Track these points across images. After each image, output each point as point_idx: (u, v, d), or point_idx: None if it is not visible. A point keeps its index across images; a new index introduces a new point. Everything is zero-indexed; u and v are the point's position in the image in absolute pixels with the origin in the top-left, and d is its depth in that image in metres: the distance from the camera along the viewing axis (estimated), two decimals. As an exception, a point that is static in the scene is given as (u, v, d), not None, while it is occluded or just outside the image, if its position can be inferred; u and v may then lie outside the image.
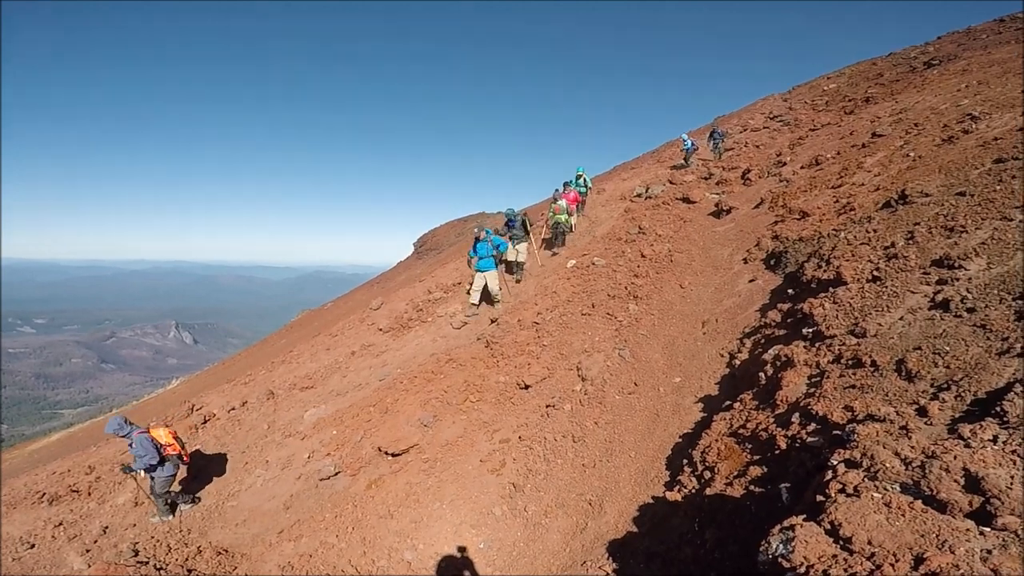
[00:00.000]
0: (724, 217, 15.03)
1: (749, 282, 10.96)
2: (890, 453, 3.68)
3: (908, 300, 6.58)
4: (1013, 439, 3.42)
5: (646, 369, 9.64)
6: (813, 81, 30.25)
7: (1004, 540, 2.73)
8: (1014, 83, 13.12)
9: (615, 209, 18.82)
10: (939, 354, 5.17)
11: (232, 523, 8.27)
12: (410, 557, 7.51)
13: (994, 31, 22.71)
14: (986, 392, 4.35)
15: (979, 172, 8.97)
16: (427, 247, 46.10)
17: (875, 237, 8.75)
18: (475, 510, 8.13)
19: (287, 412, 10.79)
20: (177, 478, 8.30)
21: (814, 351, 6.74)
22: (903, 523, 2.99)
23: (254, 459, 9.54)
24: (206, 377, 25.40)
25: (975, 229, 7.27)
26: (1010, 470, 3.16)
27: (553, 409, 9.38)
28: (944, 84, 16.69)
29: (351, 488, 8.65)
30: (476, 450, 9.08)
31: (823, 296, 7.92)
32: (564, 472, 8.22)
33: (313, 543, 7.74)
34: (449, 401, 9.97)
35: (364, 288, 39.92)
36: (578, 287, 12.98)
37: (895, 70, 23.51)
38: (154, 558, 7.36)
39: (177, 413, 11.51)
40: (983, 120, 11.41)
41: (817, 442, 4.82)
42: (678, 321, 10.77)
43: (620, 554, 6.04)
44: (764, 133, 22.99)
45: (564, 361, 10.37)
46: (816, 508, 3.50)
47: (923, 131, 12.92)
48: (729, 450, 5.96)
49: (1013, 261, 6.23)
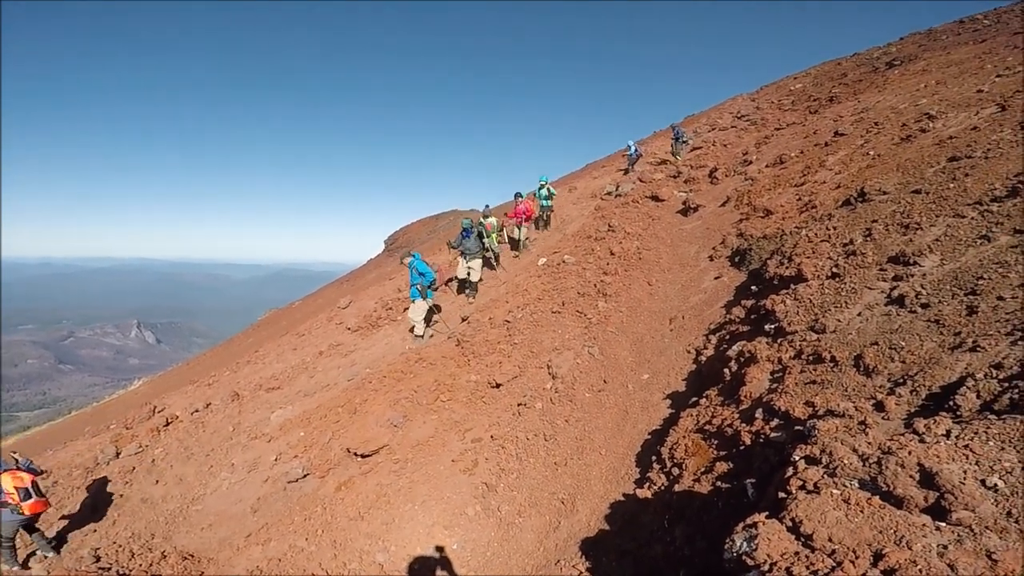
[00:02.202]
0: (692, 215, 15.23)
1: (715, 279, 11.13)
2: (848, 449, 3.77)
3: (866, 296, 6.76)
4: (965, 434, 3.54)
5: (615, 366, 9.72)
6: (780, 81, 30.76)
7: (959, 535, 2.83)
8: (970, 83, 13.54)
9: (586, 207, 18.94)
10: (895, 349, 5.32)
11: (197, 527, 8.10)
12: (382, 559, 7.46)
13: (954, 32, 23.36)
14: (940, 386, 4.50)
15: (934, 170, 9.24)
16: (398, 244, 45.73)
17: (835, 234, 8.96)
18: (448, 510, 8.11)
19: (253, 414, 10.60)
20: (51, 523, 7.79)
21: (776, 347, 6.88)
22: (862, 519, 3.07)
23: (219, 462, 9.35)
24: (169, 378, 24.80)
25: (930, 226, 7.50)
26: (963, 465, 3.27)
27: (525, 408, 9.40)
28: (904, 84, 17.13)
29: (320, 490, 8.55)
30: (448, 450, 9.05)
31: (785, 293, 8.09)
32: (536, 471, 8.26)
33: (282, 546, 7.64)
34: (419, 401, 9.91)
35: (333, 286, 39.40)
36: (548, 285, 13.02)
37: (858, 70, 24.04)
38: (116, 563, 7.18)
39: (138, 415, 11.21)
40: (939, 119, 11.74)
41: (780, 437, 4.92)
42: (646, 318, 10.88)
43: (593, 552, 6.10)
44: (732, 132, 23.32)
45: (535, 359, 10.40)
46: (778, 504, 3.57)
47: (883, 130, 13.25)
48: (696, 446, 6.05)
49: (965, 257, 6.44)
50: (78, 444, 10.88)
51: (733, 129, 23.79)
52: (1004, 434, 3.42)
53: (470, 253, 13.15)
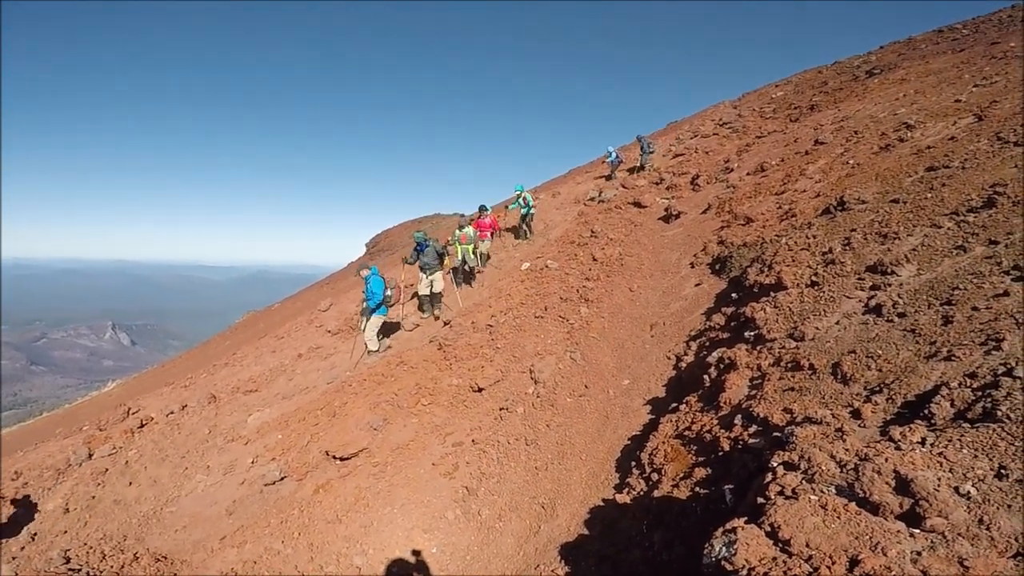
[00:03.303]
0: (673, 222, 15.35)
1: (695, 286, 11.22)
2: (826, 456, 3.81)
3: (844, 305, 6.85)
4: (940, 441, 3.59)
5: (596, 372, 9.74)
6: (762, 88, 31.16)
7: (932, 541, 2.86)
8: (948, 93, 13.82)
9: (569, 212, 19.00)
10: (872, 357, 5.39)
11: (171, 529, 7.94)
12: (360, 562, 7.38)
13: (932, 41, 23.80)
14: (915, 395, 4.56)
15: (912, 180, 9.41)
16: (380, 247, 45.47)
17: (814, 243, 9.07)
18: (427, 514, 8.05)
19: (230, 416, 10.43)
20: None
21: (755, 354, 6.94)
22: (838, 525, 3.10)
23: (194, 464, 9.19)
24: (144, 380, 24.35)
25: (907, 236, 7.63)
26: (937, 472, 3.31)
27: (506, 412, 9.38)
28: (884, 93, 17.42)
29: (297, 493, 8.43)
30: (428, 453, 8.99)
31: (765, 300, 8.17)
32: (517, 475, 8.23)
33: (258, 549, 7.51)
34: (400, 404, 9.83)
35: (313, 289, 39.04)
36: (531, 290, 13.03)
37: (839, 78, 24.42)
38: (87, 565, 7.00)
39: (112, 417, 10.97)
40: (918, 129, 11.97)
41: (758, 444, 4.96)
42: (627, 324, 10.93)
43: (572, 557, 6.08)
44: (714, 140, 23.56)
45: (517, 364, 10.38)
46: (757, 510, 3.59)
47: (862, 139, 13.46)
48: (675, 452, 6.07)
49: (941, 267, 6.56)
50: (50, 445, 10.61)
51: (715, 136, 24.05)
52: (977, 442, 3.48)
53: (429, 267, 12.54)
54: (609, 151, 22.67)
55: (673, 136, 27.45)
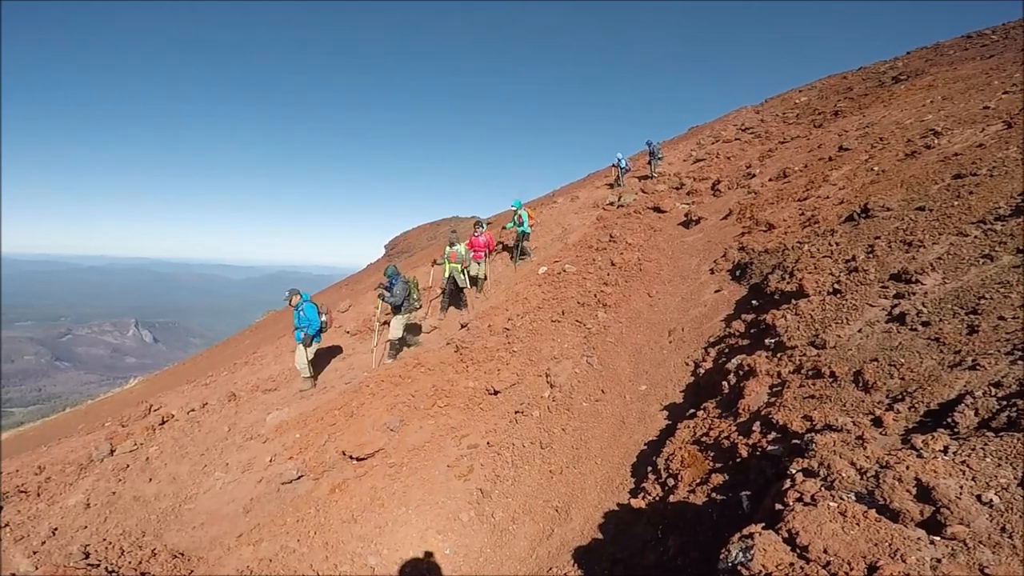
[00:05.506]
0: (693, 227, 15.25)
1: (715, 292, 11.13)
2: (846, 463, 3.76)
3: (867, 313, 6.75)
4: (963, 450, 3.53)
5: (613, 377, 9.71)
6: (785, 94, 30.90)
7: (953, 549, 2.81)
8: (976, 99, 13.58)
9: (587, 217, 18.97)
10: (894, 366, 5.31)
11: (189, 526, 8.05)
12: (374, 562, 7.41)
13: (961, 47, 23.45)
14: (938, 403, 4.49)
15: (939, 187, 9.26)
16: (398, 249, 45.82)
17: (837, 250, 8.96)
18: (441, 516, 8.07)
19: (249, 414, 10.57)
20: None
21: (775, 361, 6.87)
22: (857, 532, 3.06)
23: (213, 462, 9.31)
24: (166, 377, 24.74)
25: (932, 244, 7.51)
26: (959, 480, 3.25)
27: (522, 415, 9.38)
28: (910, 99, 17.18)
29: (314, 492, 8.51)
30: (443, 455, 9.02)
31: (785, 308, 8.08)
32: (531, 478, 8.22)
33: (274, 547, 7.59)
34: (417, 406, 9.89)
35: (332, 290, 39.41)
36: (548, 294, 13.03)
37: (864, 84, 24.13)
38: (106, 560, 7.12)
39: (134, 413, 11.17)
40: (945, 135, 11.77)
41: (777, 451, 4.91)
42: (645, 329, 10.87)
43: (585, 560, 6.06)
44: (735, 145, 23.41)
45: (533, 367, 10.39)
46: (775, 516, 3.55)
47: (887, 145, 13.28)
48: (692, 458, 6.03)
49: (967, 276, 6.45)
50: (72, 441, 10.83)
51: (737, 141, 23.88)
52: (1001, 451, 3.41)
53: (394, 307, 11.38)
54: (618, 157, 22.34)
55: (694, 141, 27.30)
